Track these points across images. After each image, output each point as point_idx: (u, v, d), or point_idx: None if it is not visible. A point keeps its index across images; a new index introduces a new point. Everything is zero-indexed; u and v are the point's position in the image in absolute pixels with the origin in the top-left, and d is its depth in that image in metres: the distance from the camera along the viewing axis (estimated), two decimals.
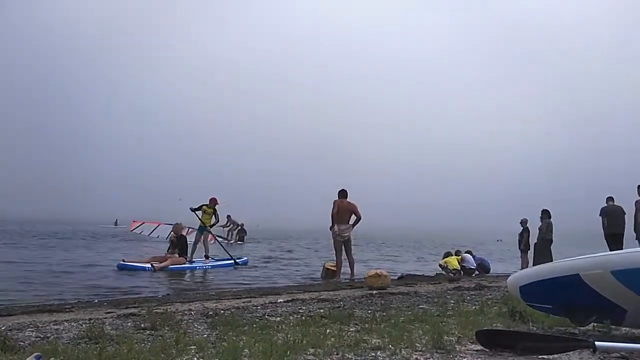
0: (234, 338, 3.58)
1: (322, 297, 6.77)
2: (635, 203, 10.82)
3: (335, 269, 10.97)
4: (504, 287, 6.76)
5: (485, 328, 3.79)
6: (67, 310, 5.90)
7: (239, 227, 26.94)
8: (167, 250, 12.51)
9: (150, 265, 11.29)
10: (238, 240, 26.15)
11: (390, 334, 3.64)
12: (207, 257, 13.30)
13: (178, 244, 12.39)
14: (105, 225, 44.77)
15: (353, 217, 10.87)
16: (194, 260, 12.81)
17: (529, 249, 14.03)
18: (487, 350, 3.31)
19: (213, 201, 13.93)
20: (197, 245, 13.29)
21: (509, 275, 4.98)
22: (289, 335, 3.45)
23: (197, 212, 13.66)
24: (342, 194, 11.03)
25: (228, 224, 26.11)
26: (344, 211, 10.86)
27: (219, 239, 25.02)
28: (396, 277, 10.34)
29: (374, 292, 7.45)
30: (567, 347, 3.24)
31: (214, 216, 13.93)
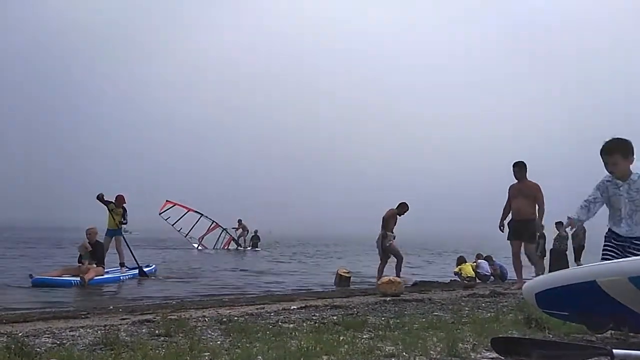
0: (248, 345, 3.58)
1: (335, 303, 6.74)
2: (509, 189, 8.74)
3: (348, 275, 11.08)
4: (519, 294, 6.69)
5: (501, 335, 3.75)
6: (83, 316, 5.98)
7: (253, 234, 26.98)
8: (79, 260, 10.84)
9: (79, 279, 10.06)
10: (252, 247, 26.20)
11: (404, 341, 3.61)
12: (122, 265, 12.00)
13: (94, 252, 10.83)
14: None
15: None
16: (107, 270, 11.40)
17: (545, 256, 13.87)
18: (503, 358, 3.27)
19: (120, 199, 12.56)
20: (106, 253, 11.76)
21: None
22: (302, 342, 3.45)
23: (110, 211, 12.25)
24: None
25: (239, 229, 26.19)
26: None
27: (234, 247, 25.30)
28: (410, 284, 10.30)
29: (388, 298, 7.41)
30: (584, 354, 3.19)
31: (123, 217, 12.43)
